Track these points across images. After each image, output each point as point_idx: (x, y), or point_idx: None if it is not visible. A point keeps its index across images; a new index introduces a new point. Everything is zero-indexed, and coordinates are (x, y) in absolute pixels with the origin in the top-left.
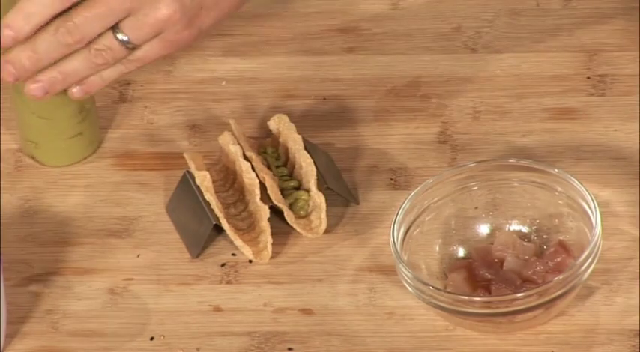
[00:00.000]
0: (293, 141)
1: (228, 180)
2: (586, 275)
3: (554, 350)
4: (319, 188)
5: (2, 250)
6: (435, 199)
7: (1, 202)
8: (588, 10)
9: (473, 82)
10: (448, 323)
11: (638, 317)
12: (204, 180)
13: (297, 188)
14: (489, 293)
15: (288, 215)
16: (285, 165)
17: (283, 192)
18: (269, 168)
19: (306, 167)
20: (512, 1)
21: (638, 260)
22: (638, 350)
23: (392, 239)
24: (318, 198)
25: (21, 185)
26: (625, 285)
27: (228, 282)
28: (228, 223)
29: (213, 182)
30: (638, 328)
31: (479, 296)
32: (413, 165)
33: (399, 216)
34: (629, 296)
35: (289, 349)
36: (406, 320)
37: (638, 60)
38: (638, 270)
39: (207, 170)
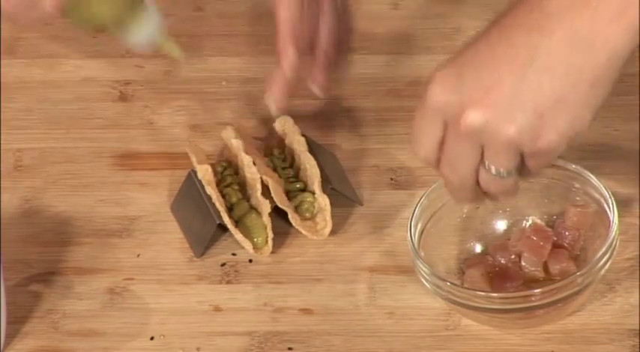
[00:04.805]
0: (297, 142)
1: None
2: (603, 271)
3: (554, 350)
4: (323, 190)
5: (2, 250)
6: None
7: (1, 202)
8: None
9: None
10: (448, 324)
11: (638, 317)
12: (205, 173)
13: (304, 190)
14: (506, 289)
15: (293, 217)
16: (291, 166)
17: (289, 194)
18: (275, 170)
19: (310, 169)
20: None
21: (638, 260)
22: (638, 350)
23: (409, 235)
24: (323, 201)
25: (21, 185)
26: (625, 285)
27: (228, 282)
28: (229, 217)
29: (215, 176)
30: (638, 328)
31: (496, 293)
32: (413, 164)
33: (416, 213)
34: (629, 296)
35: (289, 349)
36: (406, 320)
37: (637, 60)
38: (638, 270)
39: (211, 165)
